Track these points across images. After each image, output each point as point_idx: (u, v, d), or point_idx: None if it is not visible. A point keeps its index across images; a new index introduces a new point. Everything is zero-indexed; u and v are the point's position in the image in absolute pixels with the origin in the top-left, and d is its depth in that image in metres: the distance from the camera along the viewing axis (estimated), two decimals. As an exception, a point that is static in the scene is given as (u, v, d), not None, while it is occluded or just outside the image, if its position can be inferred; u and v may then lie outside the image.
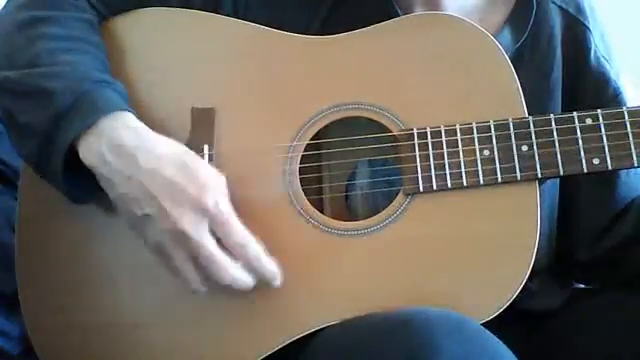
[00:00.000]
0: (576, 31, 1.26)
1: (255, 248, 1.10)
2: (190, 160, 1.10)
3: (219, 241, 1.09)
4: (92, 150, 1.10)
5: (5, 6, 1.25)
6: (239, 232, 1.09)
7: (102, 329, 1.18)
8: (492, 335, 1.02)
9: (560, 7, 1.26)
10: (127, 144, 1.09)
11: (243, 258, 1.09)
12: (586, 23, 1.26)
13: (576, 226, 1.28)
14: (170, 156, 1.10)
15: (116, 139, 1.09)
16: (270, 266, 1.11)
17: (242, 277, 1.09)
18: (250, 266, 1.10)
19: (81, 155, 1.11)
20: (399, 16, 1.21)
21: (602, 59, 1.26)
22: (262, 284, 1.11)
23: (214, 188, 1.09)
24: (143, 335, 1.17)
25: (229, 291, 1.10)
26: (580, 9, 1.26)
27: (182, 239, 1.07)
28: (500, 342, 1.01)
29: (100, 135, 1.10)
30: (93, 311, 1.19)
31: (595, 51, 1.26)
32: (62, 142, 1.10)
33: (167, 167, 1.08)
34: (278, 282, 1.12)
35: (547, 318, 1.28)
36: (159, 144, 1.11)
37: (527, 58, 1.24)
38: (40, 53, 1.15)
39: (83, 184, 1.14)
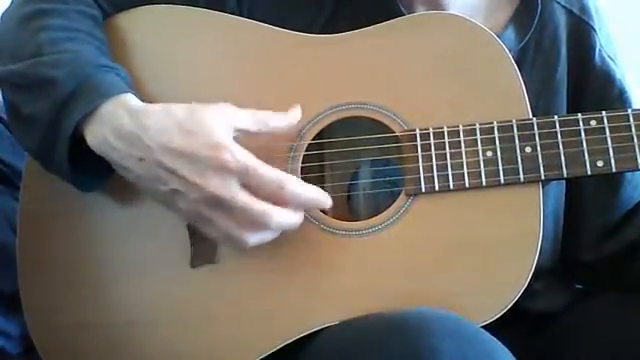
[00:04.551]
0: (581, 31, 1.25)
1: (289, 183, 1.07)
2: (190, 123, 1.07)
3: (255, 192, 1.06)
4: (98, 137, 1.10)
5: (12, 2, 1.25)
6: (267, 175, 1.06)
7: (103, 328, 1.18)
8: (491, 336, 1.01)
9: (564, 7, 1.25)
10: (128, 126, 1.08)
11: (283, 198, 1.06)
12: (591, 23, 1.25)
13: (581, 227, 1.27)
14: (171, 126, 1.07)
15: (117, 123, 1.08)
16: (313, 193, 1.09)
17: (288, 217, 1.07)
18: (293, 203, 1.07)
19: (89, 143, 1.10)
20: (402, 15, 1.20)
21: (607, 59, 1.26)
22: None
23: (224, 142, 1.06)
24: (143, 333, 1.17)
25: (285, 241, 1.09)
26: (585, 9, 1.26)
27: (216, 203, 1.05)
28: (499, 343, 1.01)
29: (101, 121, 1.09)
30: (94, 310, 1.19)
31: (600, 51, 1.25)
32: (66, 129, 1.10)
33: (173, 137, 1.06)
34: (330, 202, 1.10)
35: (548, 319, 1.27)
36: (156, 117, 1.08)
37: (531, 57, 1.23)
38: (43, 43, 1.15)
39: (90, 172, 1.14)
